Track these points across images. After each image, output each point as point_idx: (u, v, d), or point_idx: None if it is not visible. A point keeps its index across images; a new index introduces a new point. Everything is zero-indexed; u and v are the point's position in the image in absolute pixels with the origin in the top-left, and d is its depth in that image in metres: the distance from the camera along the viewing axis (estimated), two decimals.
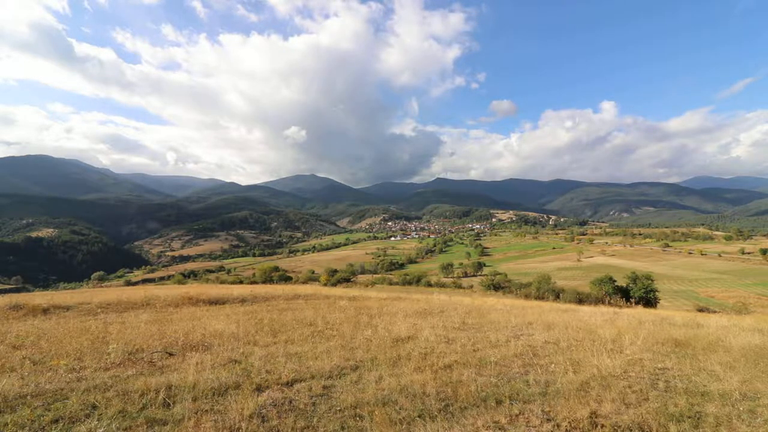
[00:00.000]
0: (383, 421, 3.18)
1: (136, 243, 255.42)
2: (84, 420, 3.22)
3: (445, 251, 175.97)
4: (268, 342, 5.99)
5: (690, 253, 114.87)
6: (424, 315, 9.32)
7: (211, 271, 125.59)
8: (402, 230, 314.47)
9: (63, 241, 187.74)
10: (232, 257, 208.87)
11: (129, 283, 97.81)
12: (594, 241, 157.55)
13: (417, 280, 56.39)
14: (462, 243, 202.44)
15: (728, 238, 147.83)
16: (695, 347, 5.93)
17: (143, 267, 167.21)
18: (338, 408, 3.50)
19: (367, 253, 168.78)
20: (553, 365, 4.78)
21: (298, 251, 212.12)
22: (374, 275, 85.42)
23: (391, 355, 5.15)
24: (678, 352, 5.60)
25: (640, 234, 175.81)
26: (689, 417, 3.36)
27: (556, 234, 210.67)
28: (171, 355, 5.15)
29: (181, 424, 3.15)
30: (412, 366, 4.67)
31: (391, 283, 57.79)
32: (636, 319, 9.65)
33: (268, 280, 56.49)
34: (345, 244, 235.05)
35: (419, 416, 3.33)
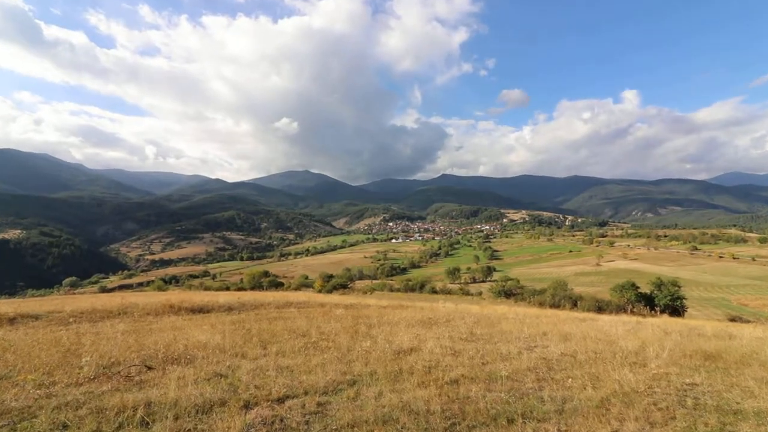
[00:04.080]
0: None
1: (112, 246, 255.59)
2: None
3: (451, 255, 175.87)
4: (257, 354, 5.98)
5: (721, 257, 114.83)
6: (428, 325, 9.31)
7: (194, 277, 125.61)
8: (404, 231, 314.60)
9: (31, 244, 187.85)
10: (218, 261, 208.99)
11: (104, 290, 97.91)
12: (615, 244, 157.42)
13: (420, 287, 56.35)
14: (470, 245, 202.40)
15: (763, 241, 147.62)
16: (727, 361, 5.92)
17: (120, 272, 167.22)
18: (334, 427, 3.49)
19: (365, 257, 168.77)
20: (570, 380, 4.77)
21: (290, 255, 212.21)
22: (373, 281, 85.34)
23: (392, 368, 5.14)
24: (708, 366, 5.58)
25: (665, 236, 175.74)
26: None
27: (573, 236, 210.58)
28: (150, 368, 5.14)
29: None
30: (415, 381, 4.66)
31: (392, 290, 57.73)
32: (661, 329, 9.64)
33: (257, 286, 56.47)
34: (341, 247, 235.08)
35: None
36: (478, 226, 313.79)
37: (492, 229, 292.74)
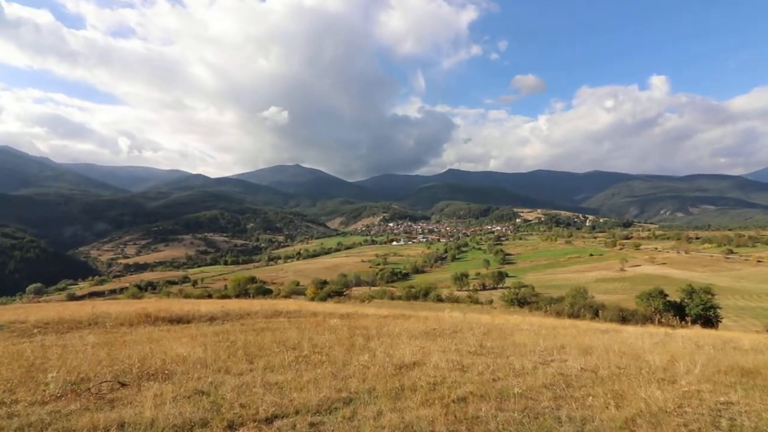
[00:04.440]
0: None
1: (81, 248, 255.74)
2: None
3: (458, 258, 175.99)
4: (242, 369, 5.98)
5: (759, 262, 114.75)
6: (433, 336, 9.31)
7: (173, 283, 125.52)
8: (406, 233, 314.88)
9: None
10: (199, 266, 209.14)
11: (73, 298, 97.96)
12: (641, 247, 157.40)
13: (424, 294, 56.38)
14: (479, 248, 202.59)
15: None
16: (767, 377, 5.92)
17: (90, 278, 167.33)
18: None
19: (363, 261, 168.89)
20: (590, 398, 4.76)
21: (280, 258, 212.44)
22: (372, 288, 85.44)
23: (392, 385, 5.13)
24: (745, 384, 5.57)
25: (697, 238, 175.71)
26: None
27: (594, 237, 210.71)
28: (124, 385, 5.14)
29: None
30: (419, 399, 4.65)
31: (392, 298, 57.76)
32: (693, 341, 9.64)
33: (242, 293, 56.53)
34: (337, 250, 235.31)
35: None
36: (489, 227, 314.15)
37: (504, 230, 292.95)
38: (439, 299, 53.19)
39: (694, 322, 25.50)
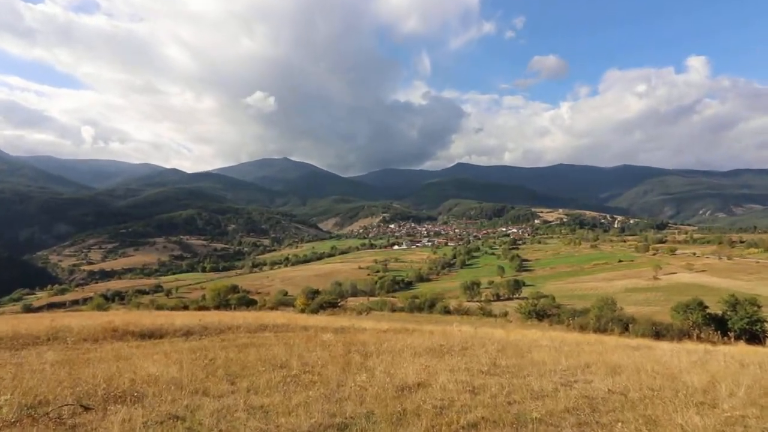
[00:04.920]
0: None
1: (39, 253, 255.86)
2: None
3: (468, 265, 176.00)
4: (222, 391, 5.97)
5: None
6: (439, 353, 9.32)
7: (144, 293, 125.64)
8: (409, 235, 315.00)
9: None
10: (174, 273, 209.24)
11: (29, 309, 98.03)
12: (677, 252, 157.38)
13: (430, 306, 56.33)
14: (492, 253, 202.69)
15: None
16: None
17: (49, 286, 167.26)
18: None
19: (360, 268, 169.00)
20: (619, 424, 4.75)
21: (265, 265, 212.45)
22: (371, 298, 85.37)
23: (393, 409, 5.12)
24: None
25: (741, 241, 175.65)
26: None
27: (624, 241, 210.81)
28: (87, 409, 5.13)
29: None
30: (423, 425, 4.64)
31: (393, 310, 57.76)
32: (736, 360, 9.64)
33: (223, 304, 56.49)
34: (330, 255, 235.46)
35: None
36: (503, 229, 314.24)
37: (521, 232, 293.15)
38: (447, 311, 53.15)
39: (737, 337, 25.49)
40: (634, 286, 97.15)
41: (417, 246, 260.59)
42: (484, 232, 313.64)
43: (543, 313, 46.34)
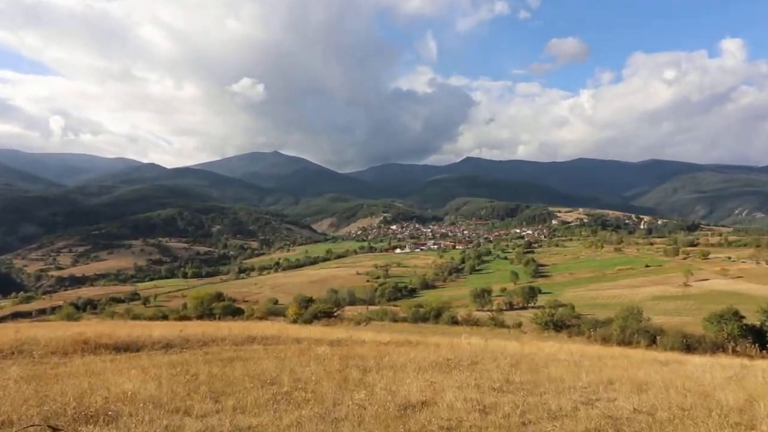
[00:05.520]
0: None
1: (2, 257, 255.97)
2: None
3: (479, 270, 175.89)
4: (206, 410, 5.96)
5: None
6: (446, 368, 9.32)
7: (118, 301, 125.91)
8: (412, 238, 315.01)
9: None
10: (152, 279, 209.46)
11: None
12: (710, 256, 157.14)
13: (436, 315, 56.36)
14: (505, 257, 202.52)
15: None
16: None
17: (14, 294, 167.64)
18: None
19: (359, 273, 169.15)
20: None
21: (253, 270, 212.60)
22: (370, 307, 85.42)
23: (395, 430, 5.11)
24: None
25: None
26: None
27: (651, 244, 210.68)
28: (56, 430, 5.12)
29: None
30: None
31: (395, 320, 57.86)
32: None
33: (206, 314, 56.49)
34: (325, 259, 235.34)
35: None
36: (517, 231, 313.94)
37: (536, 234, 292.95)
38: (455, 322, 53.16)
39: None
40: (663, 294, 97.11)
41: (421, 249, 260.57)
42: (496, 233, 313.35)
43: (561, 323, 46.34)
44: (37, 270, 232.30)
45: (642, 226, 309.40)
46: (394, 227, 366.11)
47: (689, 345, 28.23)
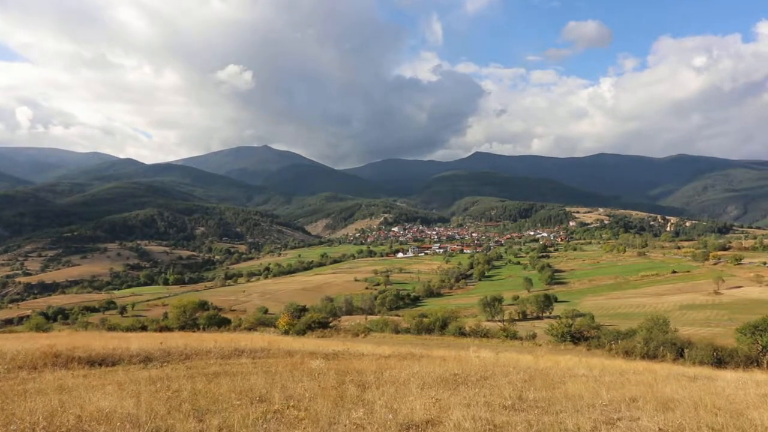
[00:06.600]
0: None
1: None
2: None
3: (489, 276, 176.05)
4: (189, 430, 5.96)
5: None
6: (453, 384, 9.32)
7: (93, 310, 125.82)
8: (416, 240, 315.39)
9: None
10: (130, 286, 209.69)
11: None
12: (743, 261, 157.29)
13: (442, 326, 56.36)
14: (518, 262, 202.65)
15: None
16: None
17: None
18: None
19: (357, 280, 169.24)
20: None
21: (241, 276, 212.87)
22: (369, 317, 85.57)
23: None
24: None
25: None
26: None
27: (678, 248, 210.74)
28: None
29: None
30: None
31: (397, 331, 57.82)
32: None
33: (189, 324, 56.58)
34: (320, 264, 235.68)
35: None
36: (531, 233, 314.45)
37: (552, 237, 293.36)
38: (462, 333, 53.14)
39: None
40: (691, 303, 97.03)
41: (426, 253, 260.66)
42: (508, 236, 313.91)
43: (579, 335, 46.32)
44: (2, 276, 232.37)
45: (668, 228, 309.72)
46: (395, 229, 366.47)
47: (720, 359, 28.20)
